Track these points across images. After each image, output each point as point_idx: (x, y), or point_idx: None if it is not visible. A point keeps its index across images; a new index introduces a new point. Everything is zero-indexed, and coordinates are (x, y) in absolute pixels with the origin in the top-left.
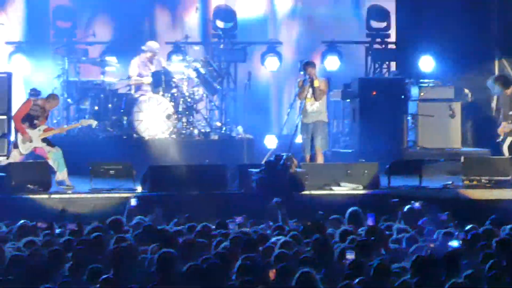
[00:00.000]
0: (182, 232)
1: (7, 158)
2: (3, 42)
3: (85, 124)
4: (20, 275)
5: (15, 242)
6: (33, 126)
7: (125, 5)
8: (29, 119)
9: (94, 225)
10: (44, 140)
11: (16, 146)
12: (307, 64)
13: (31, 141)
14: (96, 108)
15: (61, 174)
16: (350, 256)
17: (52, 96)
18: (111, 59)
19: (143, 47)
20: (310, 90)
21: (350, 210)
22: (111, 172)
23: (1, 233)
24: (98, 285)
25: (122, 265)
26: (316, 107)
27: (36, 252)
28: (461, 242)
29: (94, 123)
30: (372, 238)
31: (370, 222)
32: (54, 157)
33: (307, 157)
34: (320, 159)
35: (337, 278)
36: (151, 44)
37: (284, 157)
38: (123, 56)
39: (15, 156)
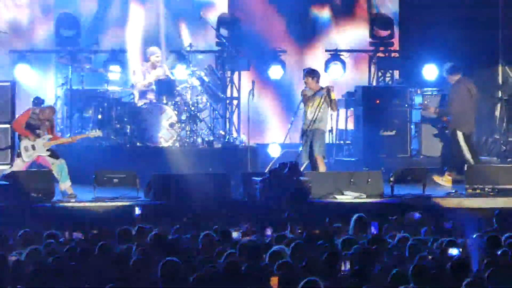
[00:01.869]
0: (185, 241)
1: (11, 167)
2: (7, 51)
3: (92, 136)
4: (23, 283)
5: (19, 251)
6: (36, 135)
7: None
8: (31, 128)
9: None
10: (49, 151)
11: (19, 155)
12: (310, 73)
13: (34, 148)
14: (100, 116)
15: (64, 184)
16: (347, 266)
17: (47, 107)
18: (115, 68)
19: (147, 55)
20: (317, 100)
21: (355, 216)
22: (115, 180)
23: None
24: None
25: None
26: (317, 115)
27: (39, 261)
28: (461, 250)
29: (100, 134)
30: (375, 246)
31: (373, 230)
32: (58, 169)
33: (305, 164)
34: (321, 167)
35: (342, 286)
36: (152, 49)
37: (288, 165)
38: (127, 64)
39: (18, 165)
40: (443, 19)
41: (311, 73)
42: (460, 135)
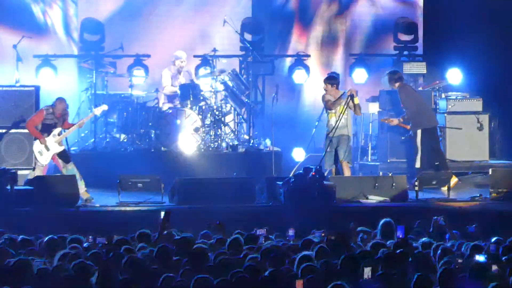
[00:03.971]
0: (212, 246)
1: (33, 171)
2: (31, 55)
3: (98, 112)
4: None
5: (43, 257)
6: (51, 134)
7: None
8: (47, 128)
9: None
10: (62, 154)
11: (36, 159)
12: (331, 80)
13: (48, 149)
14: (124, 121)
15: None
16: (368, 271)
17: (57, 101)
18: (139, 72)
19: (172, 59)
20: (340, 105)
21: (382, 221)
22: (139, 185)
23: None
24: None
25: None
26: (340, 122)
27: (62, 266)
28: (487, 255)
29: (105, 107)
30: (401, 250)
31: (399, 234)
32: (68, 174)
33: (332, 170)
34: (347, 172)
35: None
36: (178, 53)
37: (313, 170)
38: (151, 69)
39: (38, 169)
40: (467, 23)
41: (330, 80)
42: (419, 134)
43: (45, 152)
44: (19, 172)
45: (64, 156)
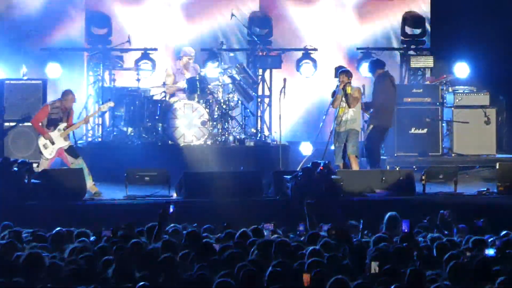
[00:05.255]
0: (219, 239)
1: (37, 167)
2: (38, 49)
3: (104, 109)
4: (58, 282)
5: (52, 250)
6: (56, 129)
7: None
8: (53, 123)
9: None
10: (70, 150)
11: (41, 153)
12: (341, 72)
13: (52, 143)
14: (131, 114)
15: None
16: (375, 266)
17: (64, 93)
18: (146, 66)
19: (180, 54)
20: (344, 98)
21: (388, 215)
22: (146, 178)
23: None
24: None
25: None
26: (350, 116)
27: (72, 260)
28: (495, 249)
29: (112, 104)
30: (406, 244)
31: (404, 228)
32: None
33: (340, 165)
34: (355, 166)
35: (372, 285)
36: (186, 49)
37: (321, 164)
38: (159, 62)
39: (43, 164)
40: (475, 17)
41: (344, 72)
42: (370, 128)
43: (50, 146)
44: None
45: (72, 151)
